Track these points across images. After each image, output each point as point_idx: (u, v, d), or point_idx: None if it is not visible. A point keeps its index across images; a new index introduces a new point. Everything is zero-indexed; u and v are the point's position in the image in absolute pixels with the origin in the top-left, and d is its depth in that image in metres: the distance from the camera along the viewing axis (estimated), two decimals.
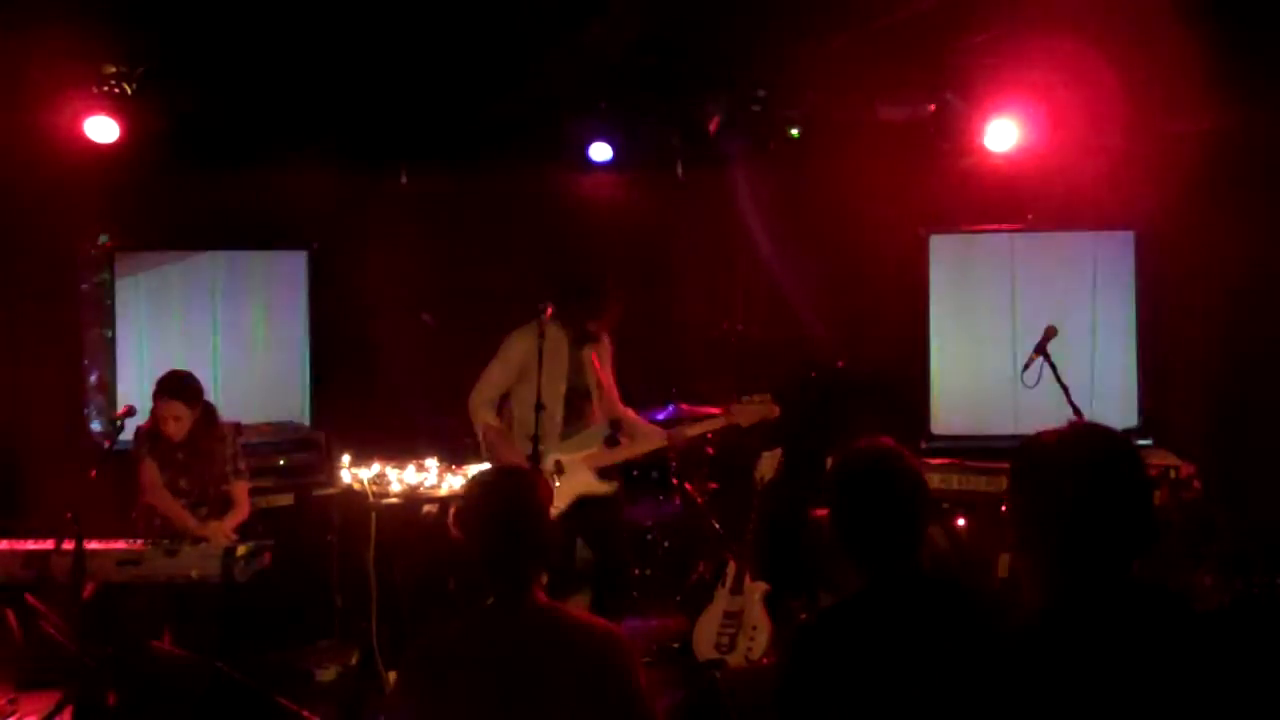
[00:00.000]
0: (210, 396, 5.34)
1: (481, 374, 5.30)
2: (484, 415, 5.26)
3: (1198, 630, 1.87)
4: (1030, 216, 7.22)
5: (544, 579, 2.73)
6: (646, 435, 5.50)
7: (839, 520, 2.62)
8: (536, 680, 2.54)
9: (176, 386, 5.13)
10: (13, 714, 4.90)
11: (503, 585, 2.67)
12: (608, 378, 5.48)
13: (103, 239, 7.10)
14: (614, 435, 5.45)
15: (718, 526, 5.95)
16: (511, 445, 5.21)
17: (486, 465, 5.12)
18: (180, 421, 5.12)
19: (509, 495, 2.75)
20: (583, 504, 5.22)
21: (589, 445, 5.32)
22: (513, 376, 5.27)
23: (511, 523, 2.69)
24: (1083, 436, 2.00)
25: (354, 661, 5.36)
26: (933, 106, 6.68)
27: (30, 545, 4.60)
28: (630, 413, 5.56)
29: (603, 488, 5.27)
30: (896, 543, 2.53)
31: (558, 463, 5.22)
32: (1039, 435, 2.03)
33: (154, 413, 5.15)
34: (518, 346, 5.26)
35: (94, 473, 4.57)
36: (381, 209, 7.51)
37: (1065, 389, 4.79)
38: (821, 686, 2.42)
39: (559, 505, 4.99)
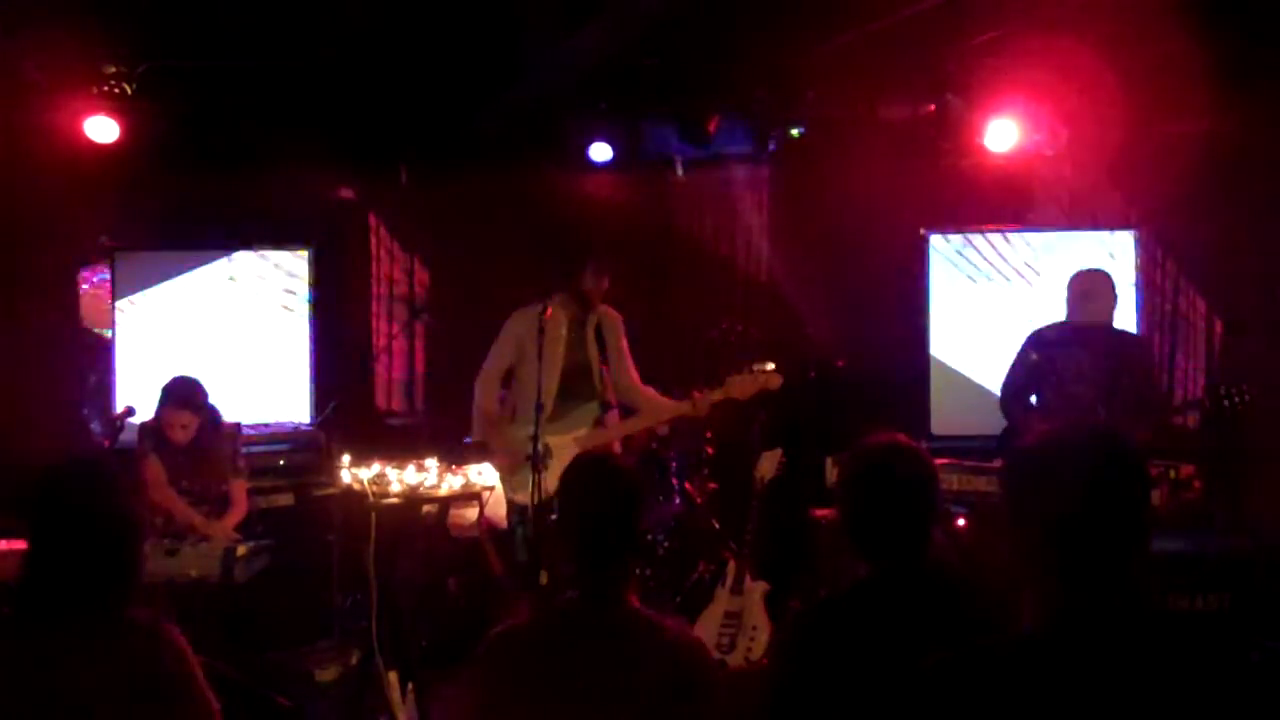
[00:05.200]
0: (210, 397, 5.34)
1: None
2: (480, 395, 5.33)
3: (1198, 651, 1.85)
4: (1030, 216, 7.22)
5: (634, 580, 2.64)
6: (654, 409, 5.39)
7: (845, 512, 2.64)
8: (622, 684, 2.47)
9: (185, 396, 5.14)
10: None
11: (593, 582, 2.58)
12: (618, 353, 5.43)
13: (103, 239, 7.10)
14: (603, 416, 5.37)
15: (718, 526, 5.94)
16: (497, 432, 5.24)
17: (488, 465, 5.12)
18: (187, 429, 5.14)
19: (609, 488, 2.66)
20: None
21: (578, 426, 5.27)
22: (510, 353, 5.28)
23: (609, 517, 2.61)
24: (1076, 431, 1.99)
25: (354, 661, 5.35)
26: (933, 106, 6.68)
27: None
28: (648, 390, 5.45)
29: None
30: (900, 537, 2.53)
31: (546, 446, 5.11)
32: (1031, 434, 2.02)
33: (160, 419, 5.16)
34: (516, 323, 5.28)
35: None
36: (381, 209, 7.51)
37: None
38: (813, 675, 2.43)
39: (549, 489, 4.96)
